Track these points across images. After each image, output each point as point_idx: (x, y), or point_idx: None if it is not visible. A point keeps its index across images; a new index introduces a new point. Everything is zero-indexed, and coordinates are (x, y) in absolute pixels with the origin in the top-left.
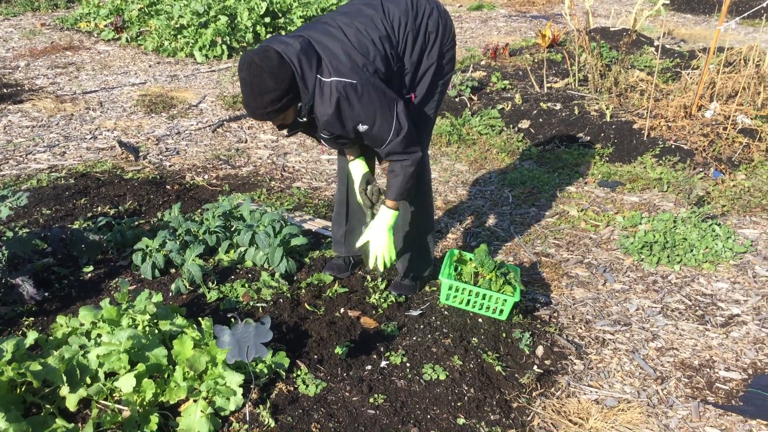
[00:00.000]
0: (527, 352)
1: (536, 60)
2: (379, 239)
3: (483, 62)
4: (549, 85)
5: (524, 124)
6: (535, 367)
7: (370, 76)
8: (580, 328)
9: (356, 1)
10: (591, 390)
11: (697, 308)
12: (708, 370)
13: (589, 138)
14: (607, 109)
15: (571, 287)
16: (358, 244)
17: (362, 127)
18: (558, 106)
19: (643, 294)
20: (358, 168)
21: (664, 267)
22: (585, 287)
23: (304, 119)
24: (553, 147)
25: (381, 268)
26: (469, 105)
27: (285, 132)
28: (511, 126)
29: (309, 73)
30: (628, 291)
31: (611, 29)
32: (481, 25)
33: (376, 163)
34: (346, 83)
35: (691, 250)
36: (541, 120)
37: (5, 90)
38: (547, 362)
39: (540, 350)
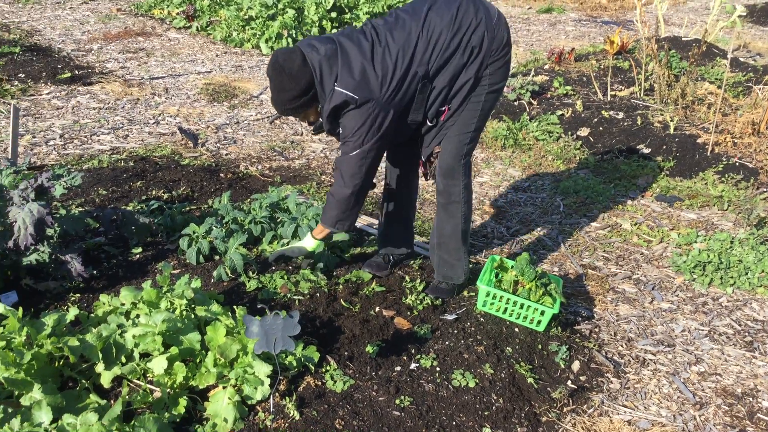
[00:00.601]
0: (563, 366)
1: (602, 66)
2: (280, 251)
3: (546, 66)
4: (613, 93)
5: (583, 131)
6: (569, 382)
7: (376, 98)
8: (621, 346)
9: (407, 7)
10: (625, 410)
11: (747, 334)
12: (751, 399)
13: (649, 150)
14: (671, 121)
15: (616, 303)
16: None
17: (342, 128)
18: (620, 115)
19: (691, 315)
20: None
21: (716, 289)
22: (631, 304)
23: None
24: (612, 157)
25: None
26: (527, 109)
27: (312, 129)
28: (569, 133)
29: (328, 79)
30: (675, 311)
31: (683, 39)
32: (549, 28)
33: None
34: (347, 95)
35: (746, 273)
36: (601, 128)
37: (77, 72)
38: (582, 378)
39: (576, 365)
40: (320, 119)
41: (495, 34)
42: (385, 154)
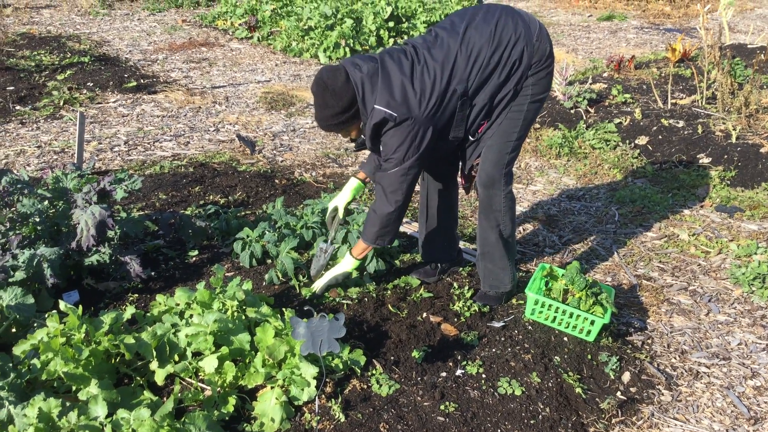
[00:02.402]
0: (612, 377)
1: (663, 74)
2: (321, 281)
3: (605, 74)
4: (674, 101)
5: (642, 140)
6: (618, 393)
7: (415, 116)
8: (674, 358)
9: (445, 24)
10: (675, 423)
11: None
12: None
13: (710, 159)
14: (733, 130)
15: (671, 314)
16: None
17: (382, 146)
18: (680, 124)
19: (749, 328)
20: (350, 187)
21: None
22: (686, 316)
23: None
24: (671, 166)
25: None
26: (584, 117)
27: (353, 146)
28: (627, 141)
29: (370, 96)
30: (732, 324)
31: (748, 46)
32: (609, 35)
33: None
34: (386, 113)
35: None
36: (660, 137)
37: (142, 81)
38: (633, 390)
39: (626, 376)
40: (362, 136)
41: (536, 48)
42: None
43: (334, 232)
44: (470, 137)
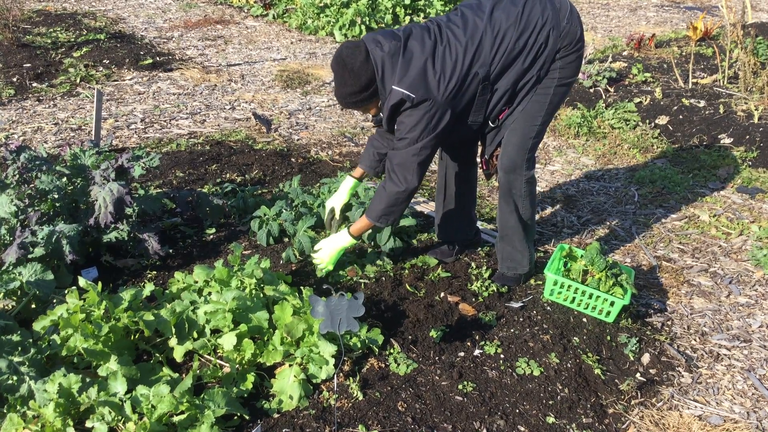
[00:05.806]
0: (632, 358)
1: (684, 53)
2: (323, 254)
3: (625, 53)
4: (695, 80)
5: (662, 120)
6: (638, 374)
7: (434, 97)
8: (694, 340)
9: (472, 3)
10: (696, 405)
11: None
12: None
13: (731, 140)
14: (756, 110)
15: (691, 296)
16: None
17: (397, 125)
18: (702, 104)
19: None
20: (346, 187)
21: None
22: (706, 297)
23: None
24: (691, 146)
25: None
26: (604, 96)
27: (372, 122)
28: (647, 121)
29: (390, 76)
30: (753, 306)
31: None
32: (629, 13)
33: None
34: (404, 93)
35: None
36: (681, 117)
37: (158, 58)
38: (652, 371)
39: (646, 358)
40: (380, 114)
41: (566, 30)
42: (441, 148)
43: (335, 232)
44: (490, 123)
